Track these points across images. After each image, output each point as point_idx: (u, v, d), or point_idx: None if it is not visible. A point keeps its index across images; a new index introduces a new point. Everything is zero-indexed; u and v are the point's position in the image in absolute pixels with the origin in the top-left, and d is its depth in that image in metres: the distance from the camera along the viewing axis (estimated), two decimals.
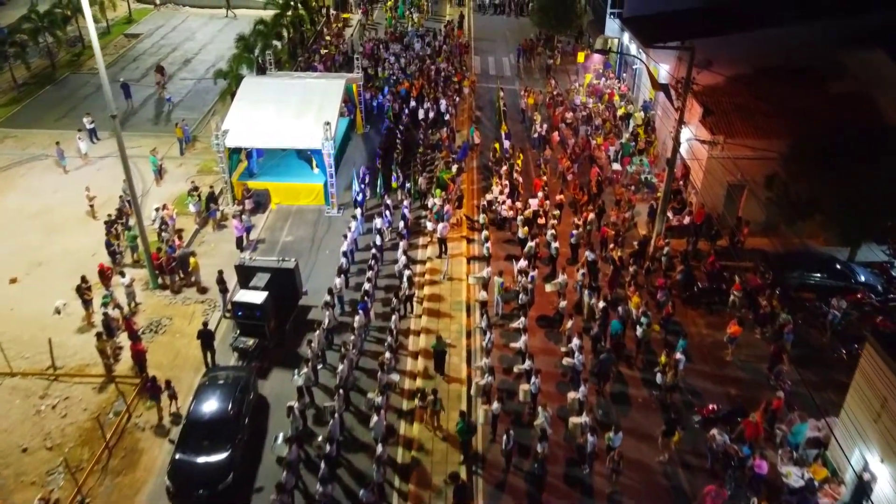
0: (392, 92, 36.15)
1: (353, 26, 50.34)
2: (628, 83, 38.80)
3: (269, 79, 29.88)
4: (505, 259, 25.29)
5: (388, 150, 30.93)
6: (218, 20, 50.64)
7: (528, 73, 43.11)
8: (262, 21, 38.10)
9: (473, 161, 32.14)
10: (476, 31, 50.73)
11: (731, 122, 26.80)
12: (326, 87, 28.89)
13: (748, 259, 25.11)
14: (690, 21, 33.87)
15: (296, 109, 27.69)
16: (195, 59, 43.13)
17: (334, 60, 41.65)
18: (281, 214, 27.92)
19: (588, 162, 31.64)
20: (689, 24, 33.30)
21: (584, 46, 45.21)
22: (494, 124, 34.94)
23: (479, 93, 39.49)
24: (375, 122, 35.12)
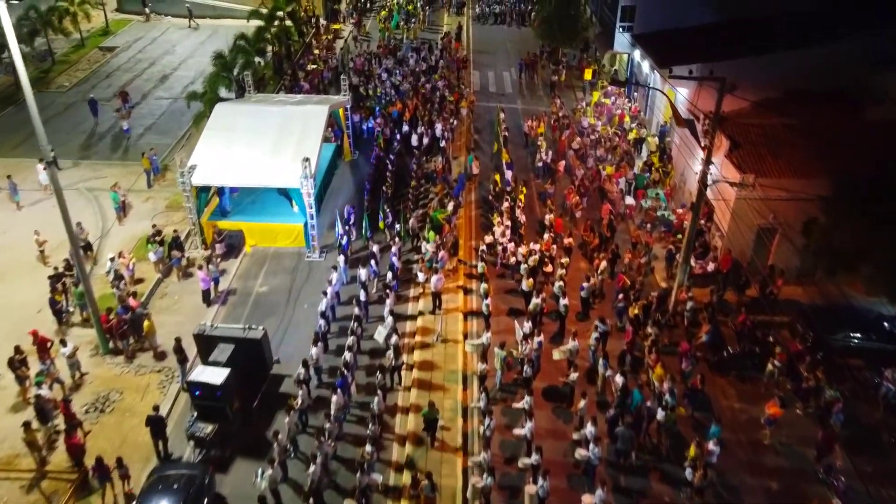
0: (383, 114, 33.17)
1: (345, 38, 47.41)
2: (639, 103, 35.82)
3: (243, 105, 26.91)
4: (507, 314, 22.37)
5: (376, 183, 27.97)
6: (200, 31, 47.67)
7: (531, 91, 40.15)
8: (244, 36, 35.12)
9: (471, 193, 29.18)
10: (475, 42, 47.76)
11: (761, 156, 23.85)
12: (308, 116, 25.92)
13: (782, 312, 22.21)
14: (708, 39, 30.93)
15: (273, 141, 24.74)
16: (173, 76, 40.16)
17: (322, 77, 38.69)
18: (256, 259, 24.95)
19: (598, 195, 28.72)
20: (707, 42, 30.36)
21: (590, 60, 42.26)
22: (494, 150, 31.93)
23: (478, 113, 36.52)
24: (365, 148, 32.15)
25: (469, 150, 32.34)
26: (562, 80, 39.83)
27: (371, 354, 20.50)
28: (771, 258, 23.57)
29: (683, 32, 32.75)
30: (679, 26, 33.76)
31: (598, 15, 43.05)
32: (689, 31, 32.62)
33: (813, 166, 22.97)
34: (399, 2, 53.00)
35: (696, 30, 32.54)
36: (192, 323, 21.30)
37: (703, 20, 32.85)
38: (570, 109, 36.76)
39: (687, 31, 32.70)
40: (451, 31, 46.97)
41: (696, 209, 21.33)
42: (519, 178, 29.34)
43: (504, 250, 24.20)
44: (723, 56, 27.34)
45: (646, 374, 19.73)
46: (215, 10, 49.96)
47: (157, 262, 23.33)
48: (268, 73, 39.56)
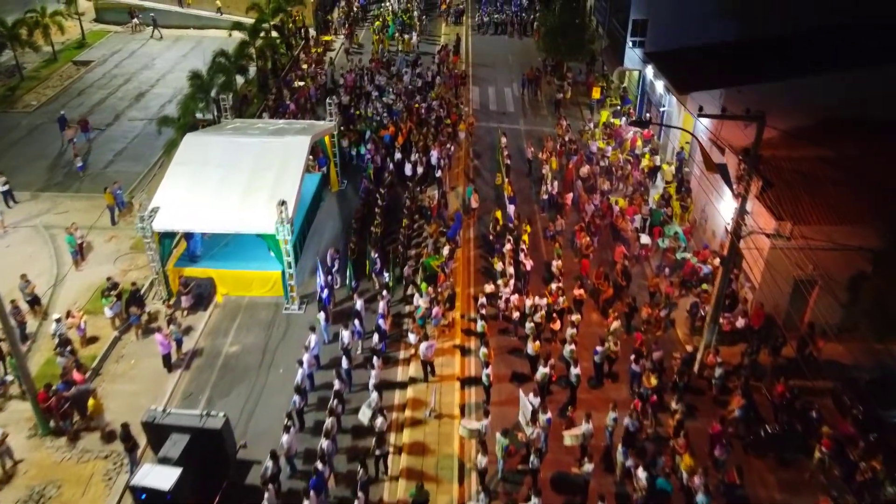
0: (374, 140, 30.41)
1: (336, 50, 44.63)
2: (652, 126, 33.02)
3: (215, 136, 24.13)
4: (510, 379, 19.65)
5: (364, 222, 25.23)
6: (183, 43, 44.92)
7: (534, 109, 37.37)
8: (224, 53, 32.38)
9: (470, 228, 26.43)
10: (474, 55, 44.98)
11: (797, 197, 21.11)
12: (287, 149, 23.16)
13: (825, 376, 19.45)
14: (730, 58, 28.19)
15: (247, 180, 21.99)
16: (150, 94, 37.39)
17: (309, 96, 35.93)
18: (228, 310, 22.20)
19: (609, 231, 25.98)
20: (729, 62, 27.61)
21: (597, 76, 39.50)
22: (498, 182, 29.09)
23: (478, 135, 33.77)
24: (354, 175, 29.40)
25: (468, 180, 29.58)
26: (567, 97, 37.07)
27: (354, 433, 17.77)
28: (809, 313, 20.82)
29: (702, 51, 29.97)
30: (696, 43, 31.04)
31: (605, 27, 40.31)
32: (708, 50, 29.84)
33: (857, 210, 20.27)
34: (394, 10, 50.30)
35: (716, 47, 29.76)
36: (150, 393, 18.72)
37: (723, 36, 30.13)
38: (577, 131, 34.01)
39: (706, 50, 29.92)
40: (449, 43, 44.21)
41: (726, 265, 18.58)
42: (523, 212, 26.64)
43: (507, 302, 21.48)
44: (750, 80, 24.59)
45: (670, 457, 17.00)
46: (199, 20, 47.24)
47: (114, 318, 20.58)
48: (252, 90, 36.86)
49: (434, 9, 53.29)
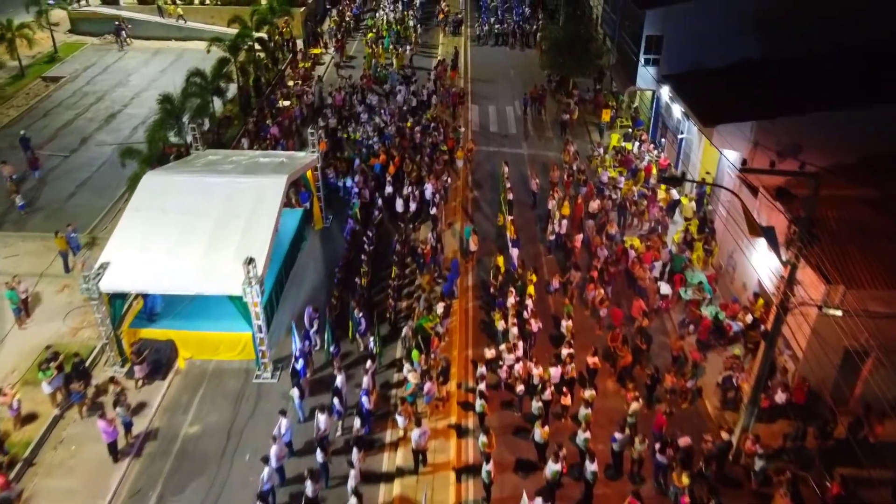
0: (363, 170, 27.58)
1: (326, 64, 41.77)
2: (669, 153, 30.21)
3: (179, 176, 21.26)
4: (514, 469, 16.84)
5: (349, 270, 22.41)
6: (162, 56, 42.06)
7: (538, 130, 34.52)
8: (199, 72, 29.55)
9: (469, 274, 23.62)
10: (474, 69, 42.11)
11: (846, 251, 18.29)
12: (260, 192, 20.32)
13: (883, 464, 16.63)
14: (757, 82, 25.41)
15: (212, 229, 19.16)
16: (122, 114, 34.54)
17: (295, 117, 33.09)
18: (191, 379, 19.36)
19: (624, 277, 23.17)
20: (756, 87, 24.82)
21: (606, 93, 36.68)
22: (499, 222, 26.18)
23: (478, 160, 30.93)
24: (341, 210, 26.58)
25: (466, 217, 26.73)
26: (574, 117, 34.23)
27: None
28: (859, 387, 18.01)
29: (724, 72, 27.24)
30: (717, 62, 28.28)
31: (614, 40, 37.45)
32: (732, 71, 27.12)
33: None
34: (388, 20, 47.46)
35: (740, 68, 27.03)
36: (90, 490, 15.97)
37: (747, 54, 27.41)
38: (586, 156, 31.20)
39: (729, 71, 27.19)
40: (447, 57, 41.37)
41: (770, 341, 15.76)
42: (527, 255, 23.89)
43: (510, 370, 18.68)
44: (783, 111, 21.79)
45: None
46: (181, 31, 44.40)
47: (54, 394, 17.75)
48: (234, 110, 34.03)
49: (431, 17, 50.42)
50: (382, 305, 21.51)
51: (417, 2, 51.73)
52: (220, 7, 44.57)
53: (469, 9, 53.96)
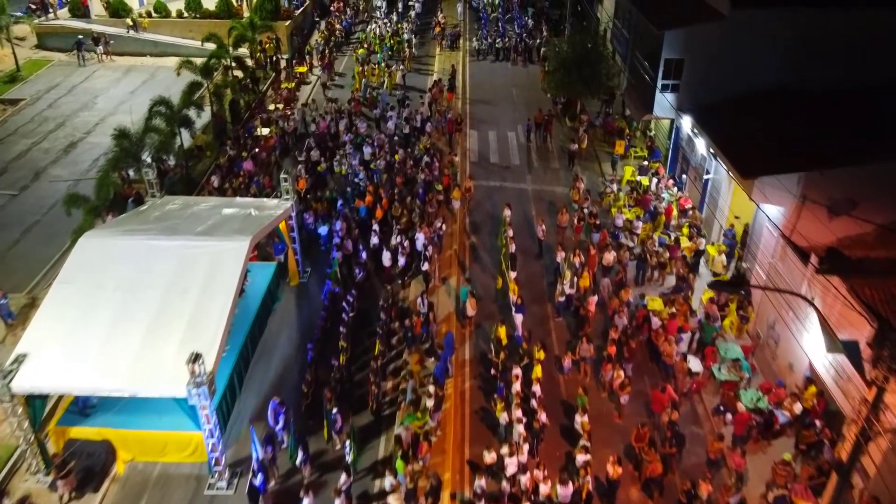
0: (346, 216, 24.34)
1: (312, 83, 38.49)
2: (690, 191, 26.95)
3: (122, 239, 17.92)
4: None
5: (325, 346, 19.15)
6: (135, 75, 38.79)
7: (544, 161, 31.22)
8: (163, 101, 26.32)
9: (466, 345, 20.38)
10: (472, 88, 38.88)
11: None
12: (217, 260, 17.08)
13: None
14: (798, 119, 22.17)
15: (155, 312, 15.92)
16: (83, 143, 31.27)
17: (274, 147, 29.83)
18: (130, 489, 16.11)
19: (645, 349, 19.95)
20: (799, 126, 21.58)
21: (617, 117, 33.42)
22: (498, 285, 22.82)
23: (477, 199, 27.65)
24: (321, 261, 23.35)
25: (462, 270, 23.48)
26: (583, 146, 30.95)
27: None
28: None
29: (755, 104, 24.05)
30: (745, 90, 25.13)
31: (626, 60, 34.18)
32: (764, 103, 23.93)
33: None
34: (382, 33, 44.20)
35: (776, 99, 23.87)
36: None
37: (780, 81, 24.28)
38: (598, 193, 27.95)
39: (760, 103, 24.01)
40: (443, 76, 38.12)
41: (845, 475, 12.53)
42: (533, 318, 20.70)
43: (513, 479, 15.48)
44: (837, 158, 18.52)
45: None
46: (157, 46, 41.14)
47: None
48: (207, 138, 30.81)
49: (427, 30, 47.12)
50: (363, 388, 18.29)
51: (413, 13, 48.44)
52: (199, 20, 41.31)
53: (468, 20, 50.71)
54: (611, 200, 27.23)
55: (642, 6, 29.21)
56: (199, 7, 41.37)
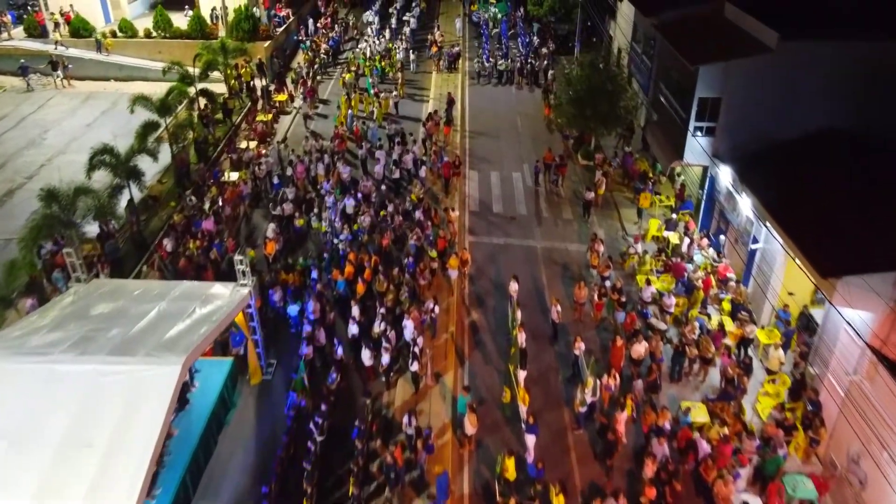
0: (321, 294, 20.24)
1: (293, 113, 34.36)
2: (728, 254, 22.82)
3: (14, 363, 13.77)
4: None
5: (284, 484, 15.03)
6: (95, 102, 34.68)
7: (554, 211, 27.06)
8: (108, 150, 22.29)
9: (465, 473, 16.27)
10: (472, 116, 34.80)
11: None
12: (135, 394, 12.98)
13: None
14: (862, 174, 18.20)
15: (47, 470, 11.83)
16: (22, 191, 27.08)
17: (242, 198, 25.71)
18: None
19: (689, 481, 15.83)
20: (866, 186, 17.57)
21: (637, 157, 29.30)
22: (506, 398, 18.58)
23: (478, 262, 23.54)
24: (290, 349, 19.27)
25: (459, 365, 19.36)
26: (600, 193, 26.81)
27: None
28: None
29: (810, 152, 20.23)
30: (797, 135, 21.25)
31: (647, 91, 30.08)
32: (821, 149, 20.11)
33: None
34: (371, 52, 40.08)
35: (833, 144, 19.99)
36: None
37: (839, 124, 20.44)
38: (618, 253, 23.86)
39: (817, 150, 20.19)
40: (440, 104, 34.06)
41: None
42: (547, 433, 16.61)
43: None
44: None
45: None
46: (122, 69, 37.05)
47: None
48: (167, 184, 26.77)
49: (422, 47, 42.96)
50: None
51: (407, 29, 44.29)
52: (169, 41, 37.23)
53: (467, 36, 46.59)
54: (635, 263, 23.18)
55: (672, 36, 25.14)
56: (170, 26, 37.27)
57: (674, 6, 28.01)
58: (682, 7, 27.66)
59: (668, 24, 27.20)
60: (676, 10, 27.69)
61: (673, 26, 26.79)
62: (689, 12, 27.41)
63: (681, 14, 27.50)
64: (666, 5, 28.38)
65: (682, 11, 27.54)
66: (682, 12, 27.54)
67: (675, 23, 27.11)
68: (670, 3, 28.45)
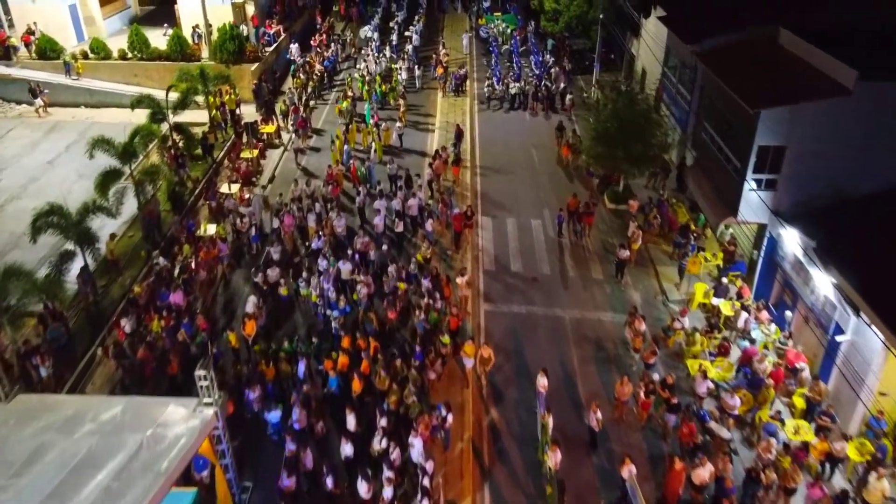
0: (309, 397, 16.58)
1: (283, 147, 30.65)
2: (797, 338, 19.10)
3: None
4: None
5: None
6: (60, 134, 30.99)
7: (581, 269, 23.37)
8: (56, 210, 18.67)
9: None
10: (483, 149, 31.09)
11: None
12: None
13: None
14: None
15: None
16: None
17: (220, 259, 22.01)
18: None
19: None
20: None
21: (675, 202, 25.67)
22: (534, 478, 15.11)
23: (496, 338, 19.91)
24: (272, 462, 15.61)
25: (475, 489, 15.67)
26: (635, 248, 23.11)
27: None
28: None
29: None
30: (879, 190, 17.75)
31: (685, 127, 26.43)
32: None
33: None
34: (370, 73, 36.41)
35: None
36: None
37: None
38: (661, 329, 20.20)
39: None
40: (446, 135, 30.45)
41: None
42: None
43: None
44: None
45: None
46: (93, 95, 33.38)
47: None
48: (133, 238, 23.14)
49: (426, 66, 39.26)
50: None
51: (410, 47, 40.56)
52: (146, 63, 33.56)
53: (474, 53, 42.88)
54: (681, 340, 19.54)
55: (722, 71, 21.49)
56: (147, 47, 33.58)
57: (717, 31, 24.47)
58: (726, 32, 24.13)
59: (713, 54, 23.57)
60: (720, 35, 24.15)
61: (718, 56, 23.17)
62: (735, 38, 23.85)
63: (726, 41, 23.94)
64: (708, 31, 24.83)
65: (728, 37, 23.99)
66: (727, 39, 23.98)
67: (720, 52, 23.51)
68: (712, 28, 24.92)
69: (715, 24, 24.99)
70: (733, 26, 24.11)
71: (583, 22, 38.02)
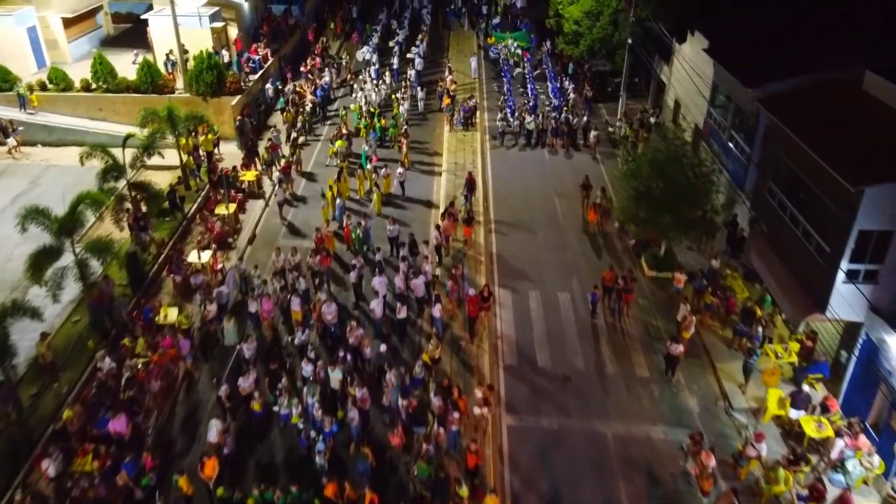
0: None
1: (266, 200, 26.44)
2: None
3: None
4: None
5: None
6: (8, 182, 26.84)
7: (624, 362, 19.18)
8: None
9: None
10: (496, 199, 26.90)
11: None
12: None
13: None
14: None
15: None
16: None
17: (183, 357, 17.84)
18: None
19: None
20: None
21: (733, 274, 21.52)
22: None
23: (523, 469, 15.80)
24: None
25: None
26: (687, 337, 18.95)
27: None
28: None
29: None
30: None
31: (741, 184, 22.28)
32: None
33: None
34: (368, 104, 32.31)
35: None
36: None
37: None
38: (732, 454, 16.04)
39: None
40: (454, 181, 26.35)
41: None
42: None
43: None
44: None
45: None
46: (51, 133, 29.21)
47: None
48: (78, 324, 19.01)
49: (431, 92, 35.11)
50: None
51: (412, 72, 36.40)
52: (112, 95, 29.41)
53: (483, 77, 38.72)
54: (757, 472, 15.43)
55: (799, 128, 17.38)
56: (113, 77, 29.42)
57: (780, 70, 20.41)
58: (794, 73, 20.06)
59: (782, 101, 19.46)
60: (787, 78, 20.08)
61: (789, 105, 19.08)
62: (806, 81, 19.78)
63: (796, 84, 19.85)
64: (768, 69, 20.77)
65: (797, 80, 19.92)
66: (796, 82, 19.91)
67: (790, 98, 19.41)
68: (771, 64, 20.88)
69: (773, 59, 20.95)
70: (801, 64, 20.07)
71: (606, 45, 33.89)
